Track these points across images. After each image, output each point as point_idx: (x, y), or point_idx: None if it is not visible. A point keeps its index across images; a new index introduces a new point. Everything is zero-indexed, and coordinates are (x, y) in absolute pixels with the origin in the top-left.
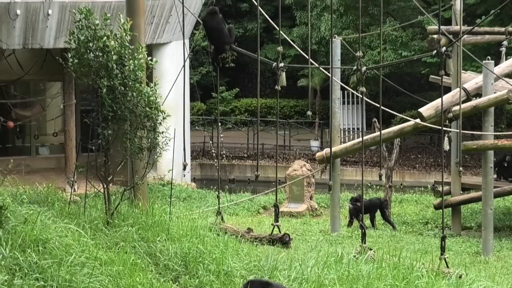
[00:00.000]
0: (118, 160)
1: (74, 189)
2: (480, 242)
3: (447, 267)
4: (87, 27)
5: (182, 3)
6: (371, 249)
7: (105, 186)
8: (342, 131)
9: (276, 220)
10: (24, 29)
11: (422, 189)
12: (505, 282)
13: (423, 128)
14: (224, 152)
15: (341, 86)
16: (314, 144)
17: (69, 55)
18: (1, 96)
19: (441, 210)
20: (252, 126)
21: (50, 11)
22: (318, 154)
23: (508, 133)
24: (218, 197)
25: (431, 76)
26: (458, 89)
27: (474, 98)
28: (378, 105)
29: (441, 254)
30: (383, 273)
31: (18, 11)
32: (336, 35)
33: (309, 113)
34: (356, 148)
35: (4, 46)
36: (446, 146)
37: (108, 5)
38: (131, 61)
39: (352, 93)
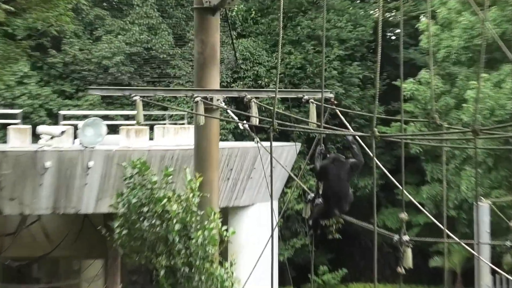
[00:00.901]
0: None
1: None
2: None
3: None
4: (141, 185)
5: (271, 151)
6: None
7: None
8: None
9: None
10: (56, 187)
11: None
12: None
13: None
14: None
15: (491, 268)
16: None
17: (115, 224)
18: (18, 279)
19: None
20: None
21: (90, 163)
22: None
23: None
24: None
25: None
26: None
27: None
28: None
29: None
30: None
31: (48, 163)
32: (482, 197)
33: None
34: None
35: (27, 211)
36: None
37: (169, 154)
38: (200, 232)
39: (507, 278)
